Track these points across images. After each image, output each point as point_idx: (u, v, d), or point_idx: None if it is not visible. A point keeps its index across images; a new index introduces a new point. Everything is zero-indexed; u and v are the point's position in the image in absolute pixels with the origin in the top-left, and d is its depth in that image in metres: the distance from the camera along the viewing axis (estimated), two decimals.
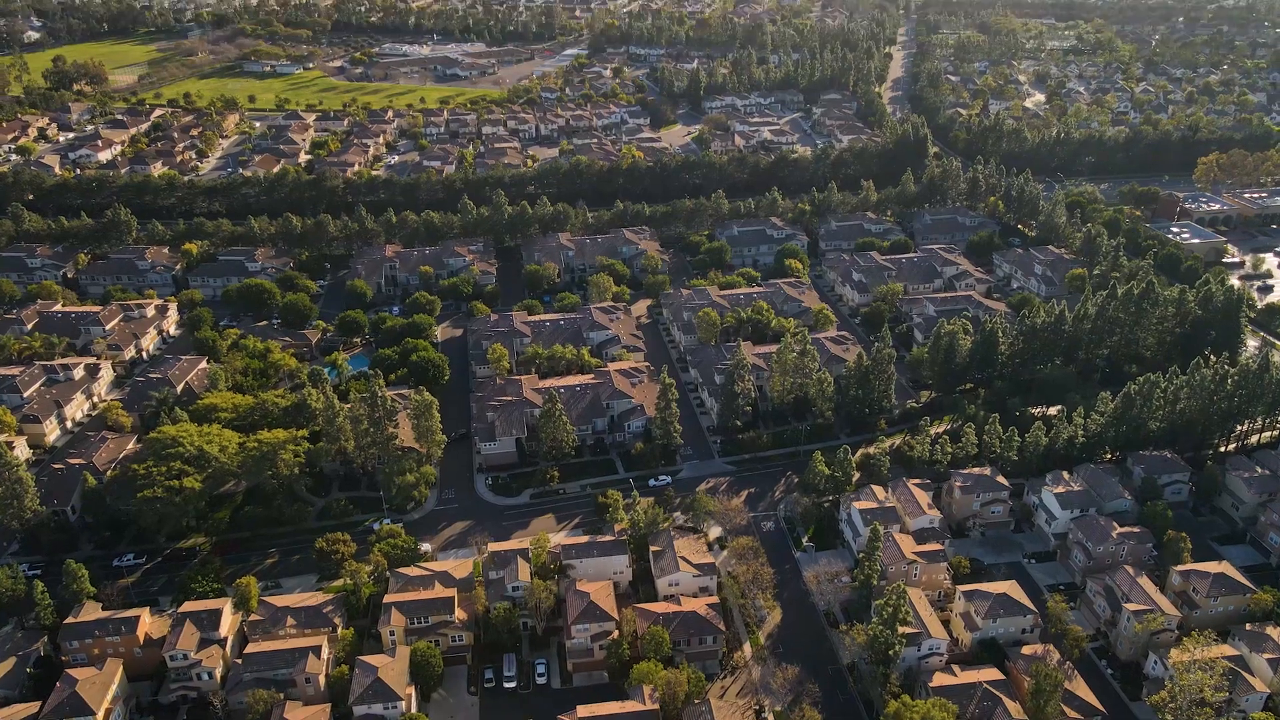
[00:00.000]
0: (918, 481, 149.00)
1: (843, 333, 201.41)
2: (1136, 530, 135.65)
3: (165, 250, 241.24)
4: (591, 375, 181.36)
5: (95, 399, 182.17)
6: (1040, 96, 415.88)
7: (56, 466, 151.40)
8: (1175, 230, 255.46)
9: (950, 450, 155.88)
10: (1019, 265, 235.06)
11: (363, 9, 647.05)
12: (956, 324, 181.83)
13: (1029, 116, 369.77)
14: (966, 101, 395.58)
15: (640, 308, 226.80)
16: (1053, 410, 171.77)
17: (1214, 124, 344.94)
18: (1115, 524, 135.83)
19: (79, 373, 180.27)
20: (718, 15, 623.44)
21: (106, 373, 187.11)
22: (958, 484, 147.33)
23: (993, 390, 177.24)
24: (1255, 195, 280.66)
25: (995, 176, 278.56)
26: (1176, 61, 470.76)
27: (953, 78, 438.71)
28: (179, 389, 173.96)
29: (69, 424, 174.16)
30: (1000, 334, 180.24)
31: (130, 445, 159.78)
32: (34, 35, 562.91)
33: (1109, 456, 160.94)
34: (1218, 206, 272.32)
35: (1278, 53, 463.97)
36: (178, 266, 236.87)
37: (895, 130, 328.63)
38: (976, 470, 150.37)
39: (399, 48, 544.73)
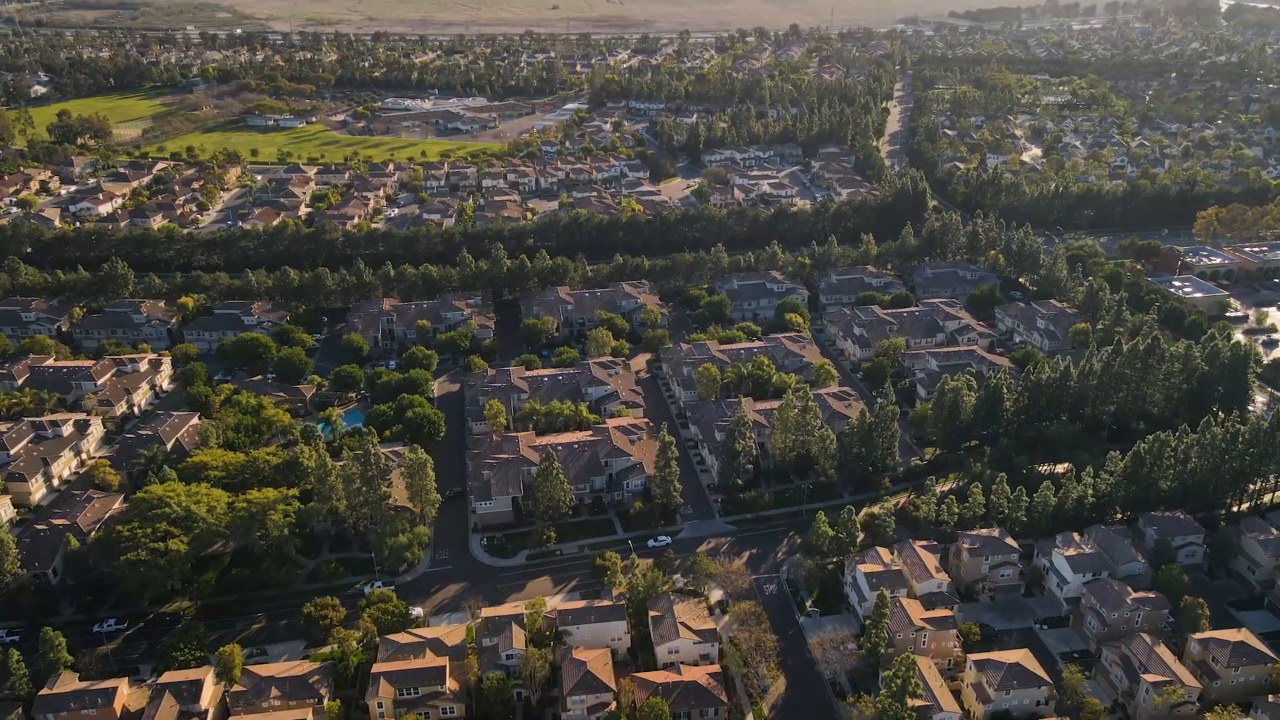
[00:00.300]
0: (924, 543, 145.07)
1: (844, 388, 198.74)
2: (1152, 596, 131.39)
3: (161, 304, 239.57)
4: (590, 432, 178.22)
5: (84, 456, 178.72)
6: (1037, 151, 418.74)
7: (40, 527, 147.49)
8: (1177, 284, 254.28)
9: (957, 510, 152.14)
10: (1021, 319, 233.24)
11: (366, 65, 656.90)
12: (960, 380, 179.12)
13: (1026, 170, 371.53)
14: (964, 155, 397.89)
15: (639, 362, 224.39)
16: (1060, 468, 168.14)
17: (1211, 178, 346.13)
18: (1130, 589, 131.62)
19: (68, 429, 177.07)
20: (716, 71, 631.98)
21: (96, 429, 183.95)
22: (966, 546, 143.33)
23: (998, 448, 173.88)
24: (1256, 249, 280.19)
25: (995, 230, 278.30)
26: (1171, 116, 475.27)
27: (949, 132, 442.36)
28: (169, 446, 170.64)
29: (56, 482, 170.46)
30: (1005, 390, 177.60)
31: (117, 505, 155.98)
32: (41, 90, 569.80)
33: (1119, 517, 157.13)
34: (1219, 260, 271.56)
35: (1271, 108, 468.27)
36: (173, 320, 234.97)
37: (894, 184, 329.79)
38: (984, 532, 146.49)
39: (401, 102, 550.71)
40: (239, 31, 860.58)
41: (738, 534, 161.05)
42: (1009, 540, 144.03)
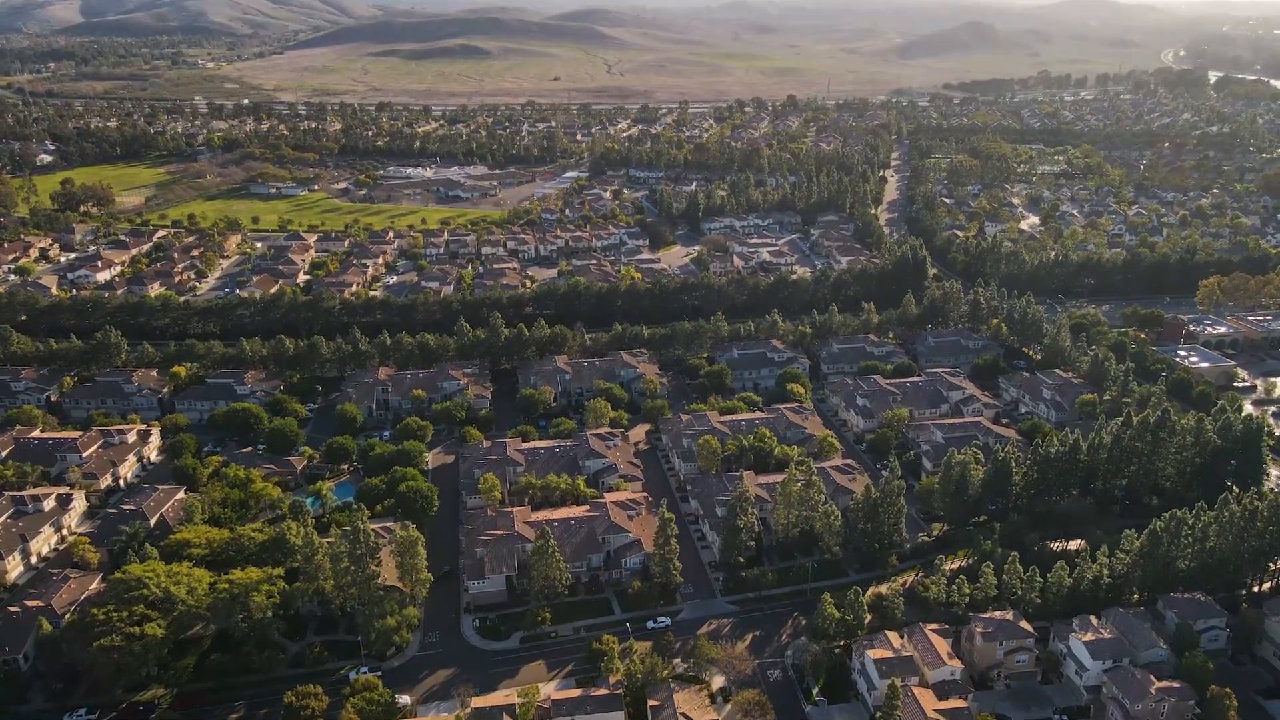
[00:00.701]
0: (935, 627, 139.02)
1: (848, 461, 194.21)
2: (1176, 685, 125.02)
3: (153, 373, 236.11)
4: (587, 507, 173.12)
5: (65, 532, 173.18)
6: (1035, 219, 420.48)
7: (12, 609, 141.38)
8: (1183, 354, 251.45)
9: (968, 591, 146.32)
10: (1026, 389, 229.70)
11: (369, 133, 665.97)
12: (967, 454, 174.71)
13: (1025, 238, 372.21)
14: (962, 223, 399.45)
15: (638, 433, 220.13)
16: (1072, 545, 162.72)
17: (1211, 247, 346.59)
18: (1153, 677, 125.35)
19: (49, 504, 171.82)
20: (715, 140, 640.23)
21: (79, 503, 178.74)
22: (979, 630, 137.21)
23: (1008, 523, 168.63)
24: (1260, 318, 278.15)
25: (997, 299, 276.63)
26: (1166, 185, 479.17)
27: (947, 200, 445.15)
28: (152, 522, 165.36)
29: (34, 559, 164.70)
30: (1013, 464, 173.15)
31: (95, 584, 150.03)
32: (47, 158, 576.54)
33: (1136, 598, 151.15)
34: (1223, 330, 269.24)
35: (1266, 177, 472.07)
36: (165, 389, 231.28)
37: (894, 252, 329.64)
38: (998, 614, 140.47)
39: (403, 170, 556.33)
40: (246, 102, 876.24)
41: (740, 615, 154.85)
42: (1024, 624, 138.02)
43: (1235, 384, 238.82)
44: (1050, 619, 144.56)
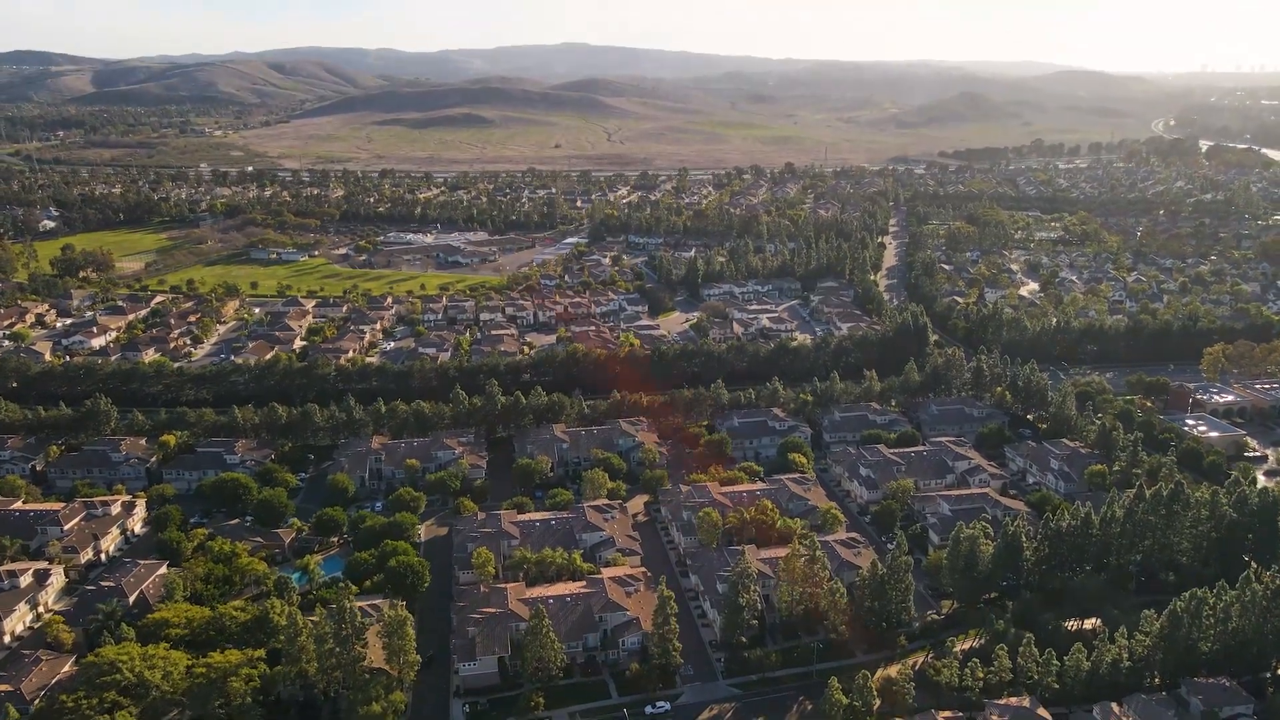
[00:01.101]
0: (948, 714, 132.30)
1: (853, 534, 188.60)
2: None
3: (142, 441, 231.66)
4: (583, 583, 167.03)
5: (41, 608, 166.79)
6: (1034, 285, 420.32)
7: None
8: (1191, 423, 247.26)
9: (982, 675, 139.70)
10: (1033, 459, 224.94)
11: (371, 200, 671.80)
12: (976, 527, 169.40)
13: (1026, 305, 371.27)
14: (962, 290, 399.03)
15: (637, 504, 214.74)
16: (1088, 624, 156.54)
17: (1213, 314, 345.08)
18: None
19: (26, 580, 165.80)
20: (714, 206, 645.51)
21: (57, 579, 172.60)
22: (995, 718, 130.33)
23: (1021, 601, 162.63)
24: (1267, 386, 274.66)
25: (1000, 366, 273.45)
26: (1164, 252, 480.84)
27: (946, 266, 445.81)
28: (131, 599, 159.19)
29: (8, 639, 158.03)
30: (1024, 539, 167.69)
31: (67, 667, 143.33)
32: (50, 224, 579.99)
33: (1157, 682, 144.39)
34: (1230, 398, 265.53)
35: (1263, 244, 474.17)
36: (153, 459, 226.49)
37: (894, 318, 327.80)
38: (1014, 701, 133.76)
39: (403, 236, 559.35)
40: (250, 169, 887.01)
41: (743, 699, 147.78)
42: (1042, 711, 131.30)
43: (1246, 454, 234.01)
44: (1069, 705, 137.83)
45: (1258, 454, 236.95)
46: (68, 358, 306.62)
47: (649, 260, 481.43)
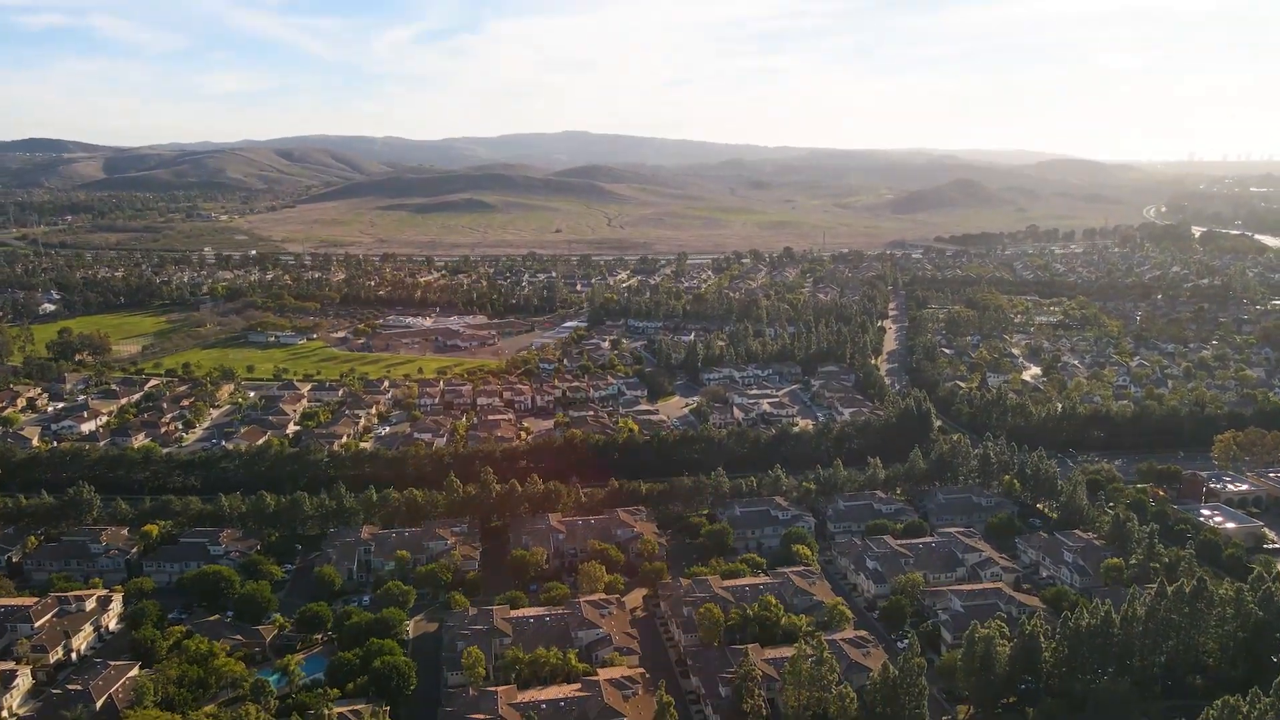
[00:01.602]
0: None
1: (861, 633, 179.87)
2: None
3: (124, 531, 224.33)
4: (579, 685, 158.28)
5: (5, 714, 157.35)
6: (1037, 370, 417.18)
7: None
8: (1206, 513, 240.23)
9: None
10: (1046, 552, 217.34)
11: (372, 284, 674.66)
12: (992, 626, 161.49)
13: (1029, 390, 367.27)
14: (964, 374, 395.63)
15: (635, 598, 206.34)
16: None
17: (1219, 399, 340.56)
18: None
19: None
20: (713, 290, 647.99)
21: (24, 681, 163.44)
22: None
23: (1042, 708, 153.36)
24: None
25: (1007, 453, 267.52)
26: (1165, 337, 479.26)
27: (947, 351, 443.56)
28: (99, 704, 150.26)
29: None
30: (1042, 638, 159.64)
31: None
32: (50, 307, 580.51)
33: None
34: (1245, 487, 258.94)
35: (1265, 329, 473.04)
36: (134, 550, 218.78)
37: (897, 404, 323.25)
38: None
39: (402, 319, 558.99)
40: (253, 252, 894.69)
41: None
42: None
43: (1265, 546, 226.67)
44: None
45: (1277, 545, 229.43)
46: (55, 443, 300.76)
47: (648, 344, 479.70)
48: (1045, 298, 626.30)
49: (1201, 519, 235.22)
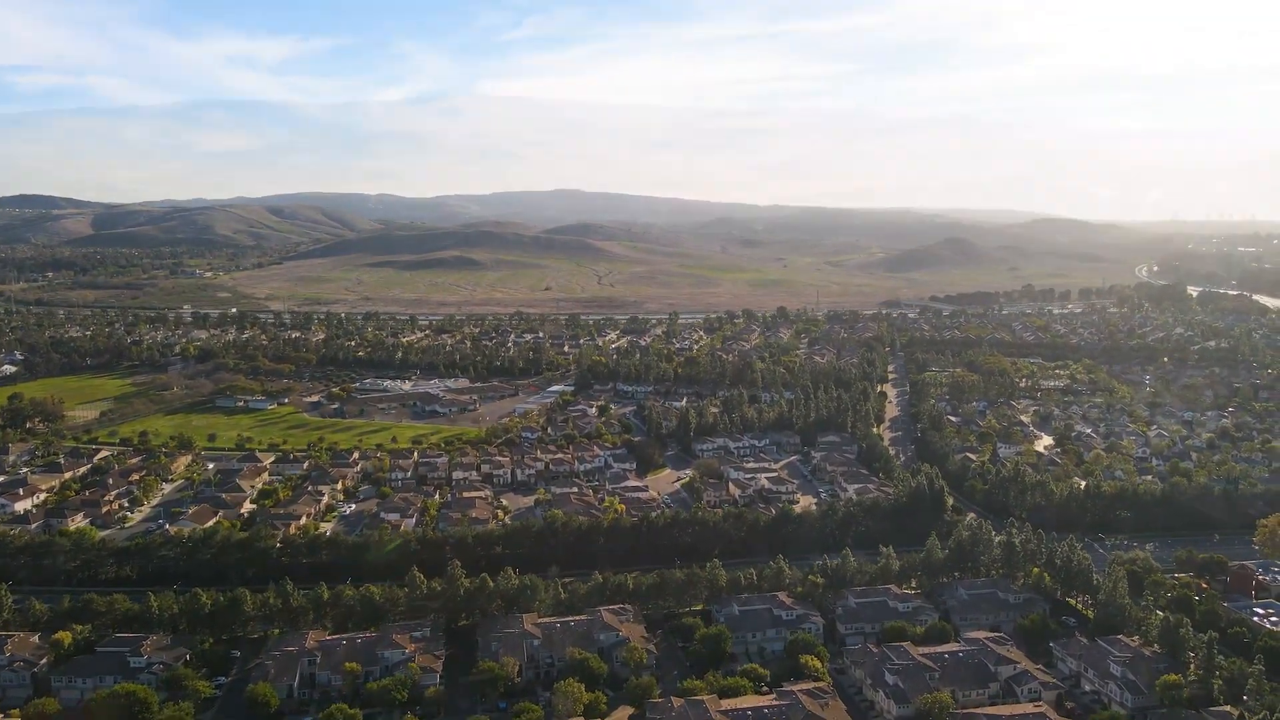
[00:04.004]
0: None
1: None
2: None
3: (34, 638, 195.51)
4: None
5: None
6: (1049, 439, 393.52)
7: None
8: (1260, 611, 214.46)
9: None
10: (1088, 662, 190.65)
11: (350, 344, 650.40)
12: None
13: (1045, 463, 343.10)
14: (974, 444, 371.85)
15: (621, 718, 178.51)
16: None
17: (1250, 474, 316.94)
18: None
19: None
20: (705, 352, 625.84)
21: None
22: None
23: None
24: None
25: (1033, 541, 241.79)
26: (1179, 404, 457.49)
27: (953, 418, 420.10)
28: None
29: None
30: None
31: None
32: (10, 369, 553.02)
33: None
34: None
35: None
36: (42, 661, 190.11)
37: (907, 481, 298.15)
38: None
39: (380, 382, 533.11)
40: (233, 310, 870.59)
41: None
42: None
43: None
44: None
45: None
46: None
47: (638, 410, 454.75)
48: (1049, 360, 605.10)
49: (1256, 619, 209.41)
